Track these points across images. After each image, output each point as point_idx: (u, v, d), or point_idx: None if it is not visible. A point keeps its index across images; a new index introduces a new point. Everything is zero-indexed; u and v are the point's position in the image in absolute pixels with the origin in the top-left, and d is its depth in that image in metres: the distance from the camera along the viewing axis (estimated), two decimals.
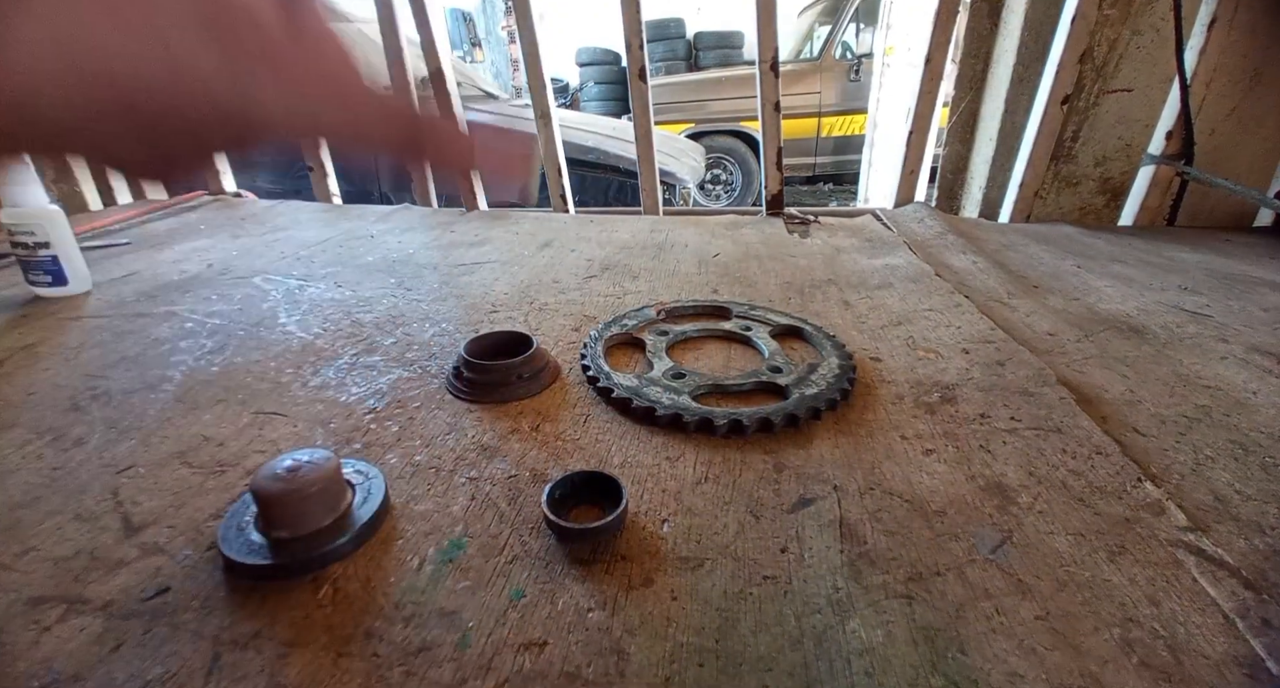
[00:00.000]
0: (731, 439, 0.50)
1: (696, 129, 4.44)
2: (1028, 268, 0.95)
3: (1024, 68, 1.21)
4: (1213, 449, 0.50)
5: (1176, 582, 0.37)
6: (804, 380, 0.56)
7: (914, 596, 0.36)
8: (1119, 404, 0.57)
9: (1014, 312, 0.78)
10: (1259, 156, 1.21)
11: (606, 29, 3.38)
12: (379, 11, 1.28)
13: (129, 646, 0.33)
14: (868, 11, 4.18)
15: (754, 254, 0.99)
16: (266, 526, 0.38)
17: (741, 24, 6.28)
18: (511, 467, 0.48)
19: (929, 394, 0.57)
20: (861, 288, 0.84)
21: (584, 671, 0.32)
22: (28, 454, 0.49)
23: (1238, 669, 0.32)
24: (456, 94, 1.36)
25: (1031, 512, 0.43)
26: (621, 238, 1.09)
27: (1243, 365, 0.64)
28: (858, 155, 3.85)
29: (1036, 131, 1.17)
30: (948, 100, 1.32)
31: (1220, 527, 0.42)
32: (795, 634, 0.34)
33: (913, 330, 0.71)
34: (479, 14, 6.90)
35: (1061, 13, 1.11)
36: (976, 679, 0.32)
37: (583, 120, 3.21)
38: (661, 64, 6.26)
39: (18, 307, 0.79)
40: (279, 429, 0.52)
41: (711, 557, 0.39)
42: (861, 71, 4.28)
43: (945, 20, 1.18)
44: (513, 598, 0.36)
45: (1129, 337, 0.71)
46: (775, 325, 0.69)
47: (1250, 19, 1.10)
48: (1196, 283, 0.88)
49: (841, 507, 0.43)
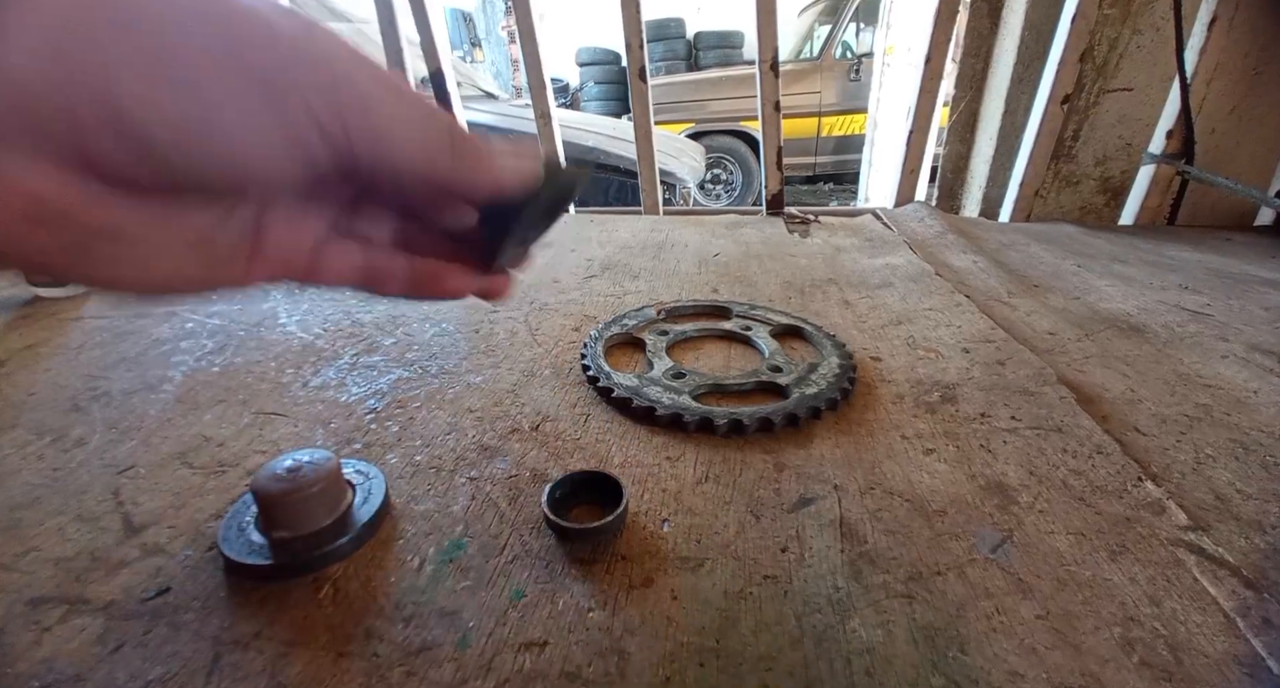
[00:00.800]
0: (732, 439, 0.50)
1: (696, 129, 4.44)
2: (1028, 267, 0.95)
3: (1024, 67, 1.21)
4: (1213, 448, 0.50)
5: (1177, 581, 0.37)
6: (804, 380, 0.56)
7: (914, 595, 0.36)
8: (1120, 403, 0.57)
9: (1014, 311, 0.78)
10: (1259, 155, 1.21)
11: (606, 29, 3.38)
12: (379, 11, 1.28)
13: (130, 646, 0.33)
14: (868, 11, 4.18)
15: (754, 254, 0.99)
16: (267, 526, 0.38)
17: (741, 24, 6.29)
18: (511, 467, 0.48)
19: (929, 394, 0.57)
20: (862, 287, 0.84)
21: (584, 671, 0.32)
22: (28, 455, 0.49)
23: (1238, 668, 0.32)
24: (456, 94, 1.36)
25: (1032, 511, 0.43)
26: (622, 237, 1.09)
27: (1243, 364, 0.64)
28: (858, 155, 3.85)
29: (1037, 131, 1.17)
30: (948, 99, 1.32)
31: (1221, 526, 0.42)
32: (795, 634, 0.34)
33: (913, 330, 0.71)
34: (479, 14, 6.91)
35: (1062, 12, 1.11)
36: (977, 679, 0.32)
37: (583, 120, 3.22)
38: (661, 64, 6.26)
39: (19, 307, 0.79)
40: (279, 429, 0.52)
41: (712, 557, 0.39)
42: (861, 71, 4.28)
43: (945, 19, 1.18)
44: (513, 598, 0.36)
45: (1130, 336, 0.71)
46: (775, 325, 0.69)
47: (1250, 18, 1.10)
48: (1197, 282, 0.88)
49: (842, 506, 0.43)
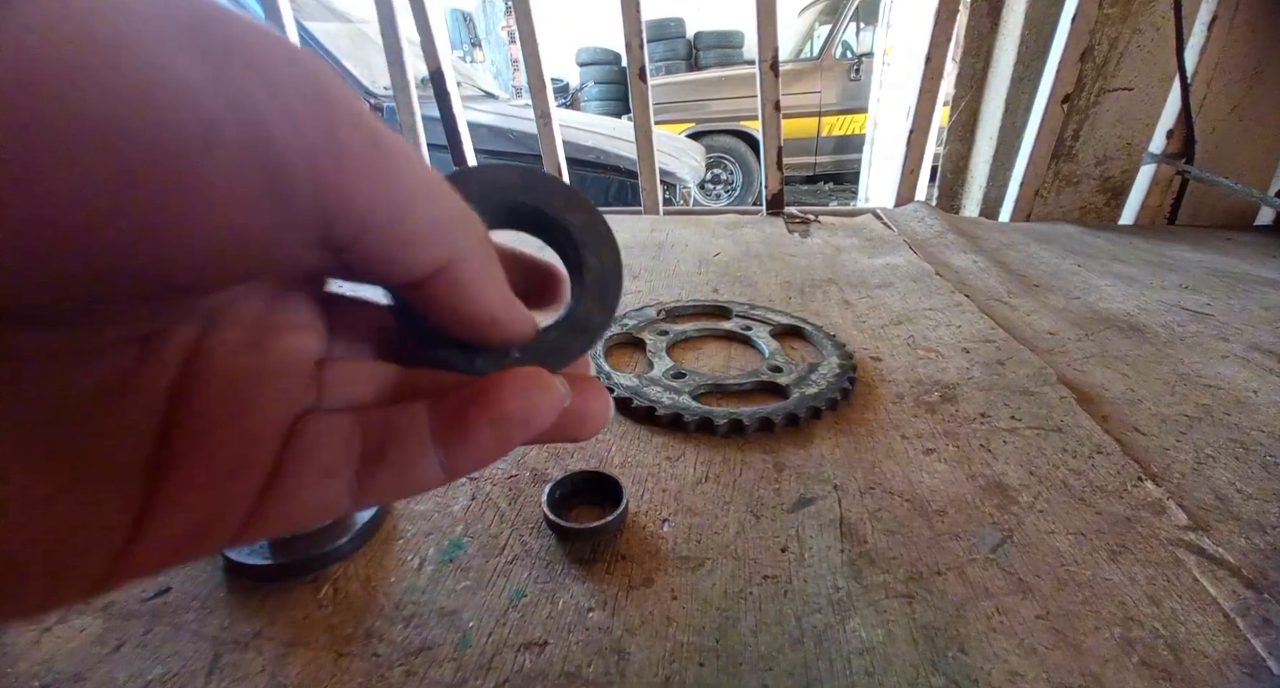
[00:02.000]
0: (732, 439, 0.50)
1: (697, 129, 4.44)
2: (1028, 267, 0.95)
3: (1024, 66, 1.21)
4: (1213, 448, 0.50)
5: (1177, 581, 0.37)
6: (804, 380, 0.56)
7: (914, 595, 0.36)
8: (1120, 403, 0.57)
9: (1014, 311, 0.78)
10: (1259, 155, 1.21)
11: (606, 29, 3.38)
12: (379, 11, 1.28)
13: (130, 646, 0.33)
14: (868, 11, 4.18)
15: (754, 254, 0.99)
16: None
17: (741, 23, 6.29)
18: (511, 467, 0.48)
19: (929, 393, 0.57)
20: (862, 287, 0.84)
21: (584, 670, 0.32)
22: None
23: (1238, 668, 0.32)
24: (456, 94, 1.36)
25: (1032, 511, 0.43)
26: (622, 237, 1.08)
27: (1243, 364, 0.64)
28: (858, 155, 3.85)
29: (1037, 130, 1.17)
30: (948, 99, 1.32)
31: (1221, 526, 0.42)
32: (795, 634, 0.34)
33: (913, 330, 0.71)
34: (479, 14, 6.91)
35: (1062, 11, 1.10)
36: (977, 679, 0.31)
37: (583, 120, 3.22)
38: (661, 63, 6.26)
39: None
40: None
41: (712, 556, 0.39)
42: (861, 71, 4.28)
43: (945, 19, 1.18)
44: (513, 598, 0.36)
45: (1130, 335, 0.71)
46: (775, 325, 0.69)
47: (1250, 17, 1.10)
48: (1197, 281, 0.88)
49: (842, 506, 0.43)
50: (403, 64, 1.32)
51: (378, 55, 1.31)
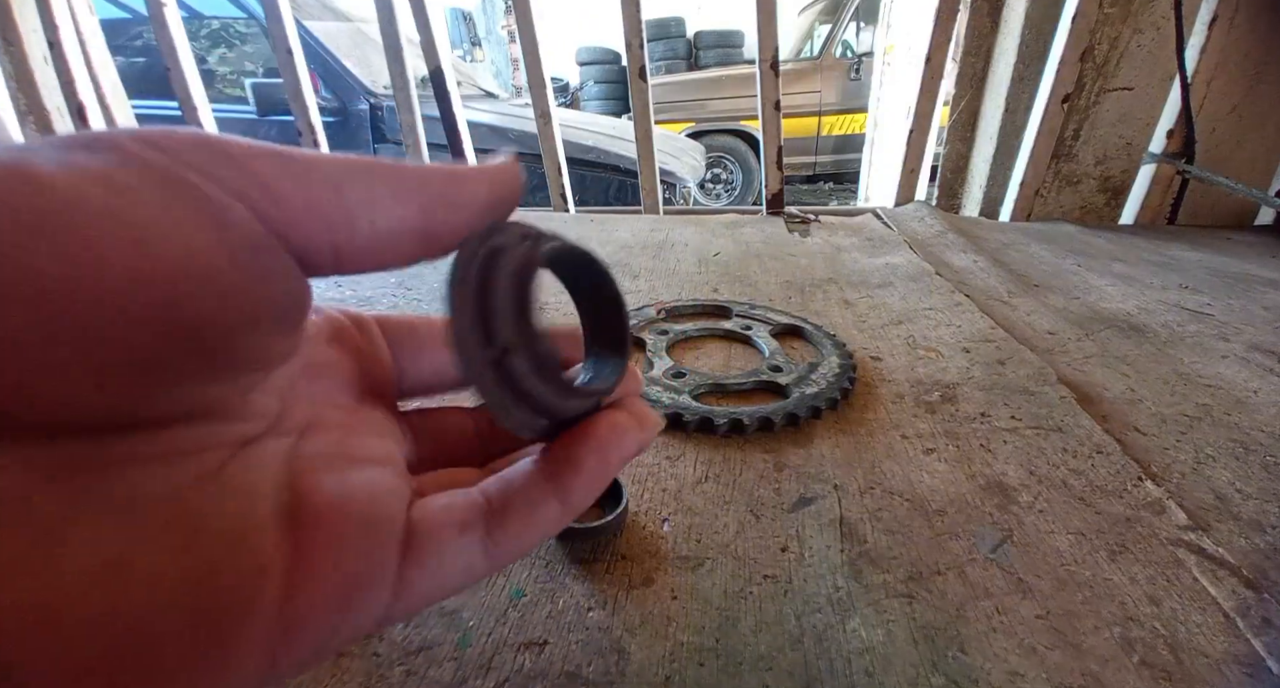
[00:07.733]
0: (732, 438, 0.50)
1: (697, 128, 4.44)
2: (1028, 267, 0.95)
3: (1024, 66, 1.21)
4: (1213, 448, 0.50)
5: (1177, 581, 0.37)
6: (804, 379, 0.56)
7: (914, 595, 0.36)
8: (1120, 403, 0.57)
9: (1015, 310, 0.78)
10: (1260, 155, 1.21)
11: (606, 28, 3.38)
12: (379, 11, 1.28)
13: None
14: (868, 10, 4.18)
15: (754, 253, 0.99)
16: None
17: (742, 23, 6.28)
18: None
19: (929, 393, 0.57)
20: (862, 287, 0.84)
21: (584, 670, 0.32)
22: None
23: (1238, 668, 0.32)
24: (456, 93, 1.36)
25: (1032, 511, 0.43)
26: (621, 237, 1.08)
27: (1244, 364, 0.64)
28: (858, 154, 3.85)
29: (1037, 130, 1.17)
30: (948, 99, 1.32)
31: (1221, 526, 0.42)
32: (795, 633, 0.34)
33: (913, 329, 0.71)
34: (479, 14, 6.91)
35: (1062, 11, 1.10)
36: (977, 679, 0.31)
37: (583, 120, 3.21)
38: (661, 63, 6.25)
39: None
40: None
41: (712, 556, 0.39)
42: (862, 70, 4.28)
43: (945, 19, 1.18)
44: (513, 597, 0.36)
45: (1130, 335, 0.71)
46: (775, 324, 0.69)
47: (1251, 17, 1.10)
48: (1197, 281, 0.88)
49: (842, 506, 0.43)
50: (403, 63, 1.32)
51: (378, 55, 1.31)
